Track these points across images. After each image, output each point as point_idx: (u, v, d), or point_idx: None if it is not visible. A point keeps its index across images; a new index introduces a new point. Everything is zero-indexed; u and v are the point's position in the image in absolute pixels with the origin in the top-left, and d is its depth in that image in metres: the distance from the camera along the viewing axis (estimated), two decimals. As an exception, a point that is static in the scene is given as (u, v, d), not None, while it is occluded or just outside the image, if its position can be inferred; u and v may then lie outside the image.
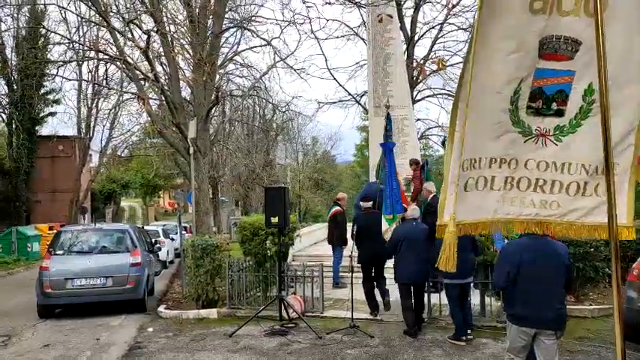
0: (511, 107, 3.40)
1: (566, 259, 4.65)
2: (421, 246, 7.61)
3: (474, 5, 18.37)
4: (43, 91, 27.44)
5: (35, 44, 23.08)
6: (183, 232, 16.90)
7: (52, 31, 21.60)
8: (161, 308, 10.23)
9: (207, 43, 14.43)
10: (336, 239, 11.31)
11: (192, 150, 12.59)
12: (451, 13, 17.95)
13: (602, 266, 9.00)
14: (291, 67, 16.46)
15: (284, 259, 9.94)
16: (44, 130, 29.70)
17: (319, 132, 58.67)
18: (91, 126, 28.94)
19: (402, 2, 17.40)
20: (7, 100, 26.68)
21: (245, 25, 16.30)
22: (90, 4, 14.25)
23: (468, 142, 3.38)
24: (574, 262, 7.91)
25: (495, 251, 7.77)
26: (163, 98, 14.90)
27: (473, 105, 3.30)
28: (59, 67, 18.13)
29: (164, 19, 14.24)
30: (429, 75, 19.35)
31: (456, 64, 19.42)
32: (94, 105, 28.59)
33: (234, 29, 17.28)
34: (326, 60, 38.90)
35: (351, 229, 9.37)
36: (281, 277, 9.19)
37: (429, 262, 7.58)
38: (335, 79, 25.97)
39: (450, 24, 18.84)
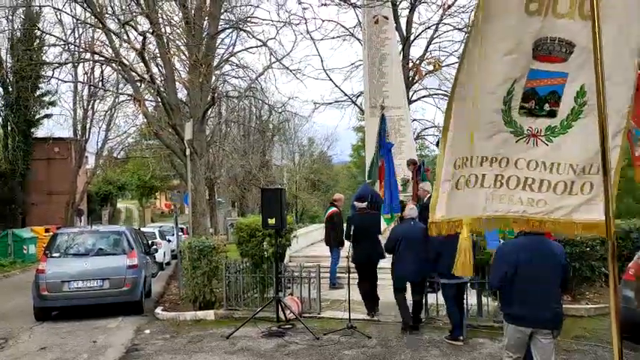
0: (504, 107, 3.44)
1: (562, 258, 4.68)
2: (419, 245, 7.67)
3: (469, 6, 18.46)
4: (38, 93, 27.38)
5: (30, 46, 23.03)
6: (180, 233, 16.87)
7: (47, 33, 21.58)
8: (158, 310, 10.21)
9: (203, 45, 14.40)
10: (333, 240, 11.31)
11: (188, 151, 12.57)
12: (446, 14, 18.03)
13: (598, 265, 9.04)
14: (287, 67, 16.48)
15: (281, 260, 9.94)
16: (40, 132, 29.66)
17: (315, 132, 58.78)
18: (87, 128, 28.84)
19: (398, 2, 17.42)
20: (2, 102, 26.59)
21: (241, 26, 16.29)
22: (85, 5, 14.20)
23: (460, 141, 3.42)
24: (570, 261, 7.94)
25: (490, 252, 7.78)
26: (159, 100, 14.85)
27: (467, 104, 3.33)
28: (55, 68, 18.04)
29: (160, 21, 14.23)
30: (425, 75, 19.39)
31: (452, 64, 19.48)
32: (89, 107, 28.52)
33: (230, 30, 17.26)
34: (322, 60, 38.79)
35: (345, 230, 9.39)
36: (278, 279, 9.20)
37: (427, 261, 7.64)
38: (331, 80, 25.96)
39: (446, 24, 18.89)
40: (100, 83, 23.32)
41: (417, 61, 19.12)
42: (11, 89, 25.45)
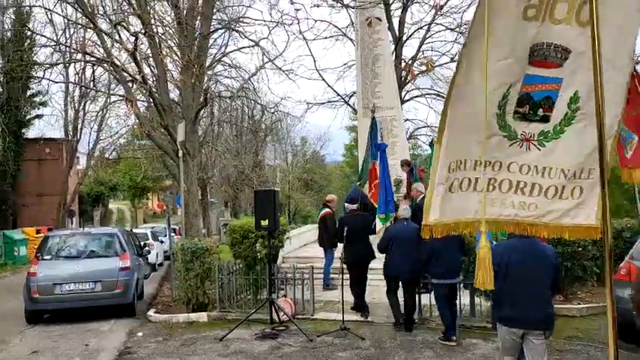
0: (499, 112, 3.46)
1: (554, 259, 4.71)
2: (411, 245, 7.74)
3: (461, 6, 18.51)
4: (29, 93, 27.20)
5: (21, 46, 22.85)
6: (173, 234, 16.82)
7: (38, 34, 21.44)
8: (151, 312, 10.17)
9: (195, 45, 14.36)
10: (327, 241, 11.30)
11: (181, 153, 12.51)
12: (439, 14, 18.04)
13: (590, 265, 9.08)
14: (280, 68, 16.50)
15: (274, 262, 9.93)
16: (31, 132, 29.49)
17: (308, 132, 58.44)
18: (79, 128, 28.69)
19: (390, 2, 17.43)
20: (-8, 102, 26.40)
21: (233, 26, 16.26)
22: (76, 6, 14.12)
23: (455, 145, 3.44)
24: (562, 261, 7.98)
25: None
26: (151, 100, 14.79)
27: (463, 108, 3.34)
28: (46, 69, 17.96)
29: (152, 21, 14.16)
30: (418, 75, 19.42)
31: (445, 65, 19.56)
32: (81, 107, 28.35)
33: (223, 30, 17.21)
34: (314, 61, 38.73)
35: (337, 231, 9.40)
36: (271, 280, 9.19)
37: (419, 261, 7.68)
38: (324, 80, 25.90)
39: (438, 24, 18.89)
40: (91, 84, 23.16)
41: (410, 62, 19.14)
42: (2, 90, 25.29)
